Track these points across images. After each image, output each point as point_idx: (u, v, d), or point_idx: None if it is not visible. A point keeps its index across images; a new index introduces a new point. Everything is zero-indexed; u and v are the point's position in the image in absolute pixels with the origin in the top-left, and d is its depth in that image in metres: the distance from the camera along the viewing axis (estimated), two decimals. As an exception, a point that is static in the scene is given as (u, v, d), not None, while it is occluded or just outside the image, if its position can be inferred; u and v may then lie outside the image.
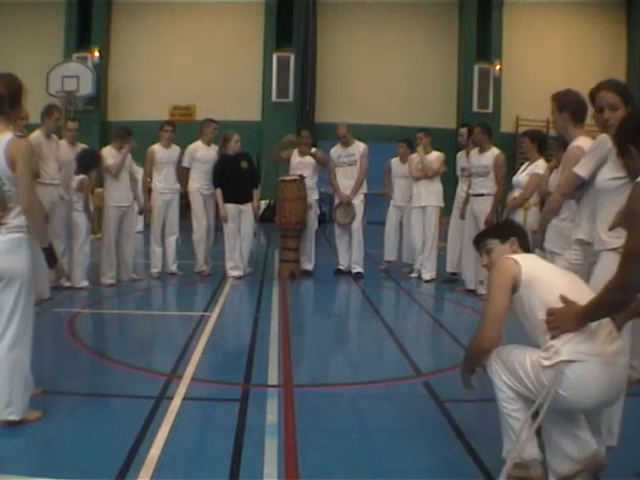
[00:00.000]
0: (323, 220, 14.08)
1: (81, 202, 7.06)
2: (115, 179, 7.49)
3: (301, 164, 8.32)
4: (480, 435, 3.36)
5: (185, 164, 8.20)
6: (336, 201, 8.65)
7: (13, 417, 3.29)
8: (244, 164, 8.03)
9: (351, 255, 8.44)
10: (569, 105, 3.89)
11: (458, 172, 8.09)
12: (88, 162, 7.01)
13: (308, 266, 8.46)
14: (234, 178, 7.90)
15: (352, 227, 8.36)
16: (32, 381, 3.44)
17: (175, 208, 8.26)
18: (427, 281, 8.09)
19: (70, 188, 7.02)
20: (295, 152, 8.44)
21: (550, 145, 8.43)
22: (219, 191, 7.95)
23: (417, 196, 8.24)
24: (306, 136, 8.44)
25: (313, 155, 8.31)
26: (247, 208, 8.06)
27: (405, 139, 8.94)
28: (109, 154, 7.54)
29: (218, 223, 8.32)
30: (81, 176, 7.00)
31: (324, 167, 8.50)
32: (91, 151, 7.33)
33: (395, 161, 8.90)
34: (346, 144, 8.43)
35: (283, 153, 8.53)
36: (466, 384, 2.95)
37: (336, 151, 8.51)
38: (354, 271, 8.39)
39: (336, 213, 8.52)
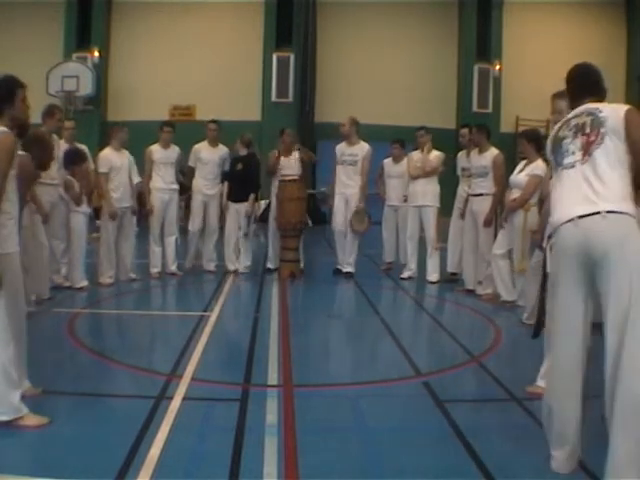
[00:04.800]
0: (323, 220, 14.09)
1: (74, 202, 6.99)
2: (114, 179, 7.51)
3: (286, 164, 8.35)
4: (480, 435, 3.37)
5: (190, 163, 8.47)
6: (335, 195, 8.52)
7: (3, 418, 3.25)
8: (239, 166, 8.31)
9: (344, 254, 8.37)
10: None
11: (458, 172, 8.07)
12: (70, 160, 6.89)
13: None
14: (230, 178, 8.38)
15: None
16: (19, 378, 3.37)
17: (174, 208, 8.29)
18: (433, 282, 8.01)
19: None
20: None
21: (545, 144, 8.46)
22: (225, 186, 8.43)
23: (413, 195, 8.18)
24: (288, 135, 8.49)
25: (302, 153, 8.44)
26: (239, 207, 8.30)
27: (399, 140, 8.95)
28: (110, 155, 7.54)
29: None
30: (67, 177, 6.92)
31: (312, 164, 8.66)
32: (75, 149, 7.19)
33: (388, 161, 8.91)
34: (350, 142, 8.32)
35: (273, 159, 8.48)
36: None
37: (340, 148, 8.41)
38: (344, 270, 8.30)
39: (351, 221, 8.21)
